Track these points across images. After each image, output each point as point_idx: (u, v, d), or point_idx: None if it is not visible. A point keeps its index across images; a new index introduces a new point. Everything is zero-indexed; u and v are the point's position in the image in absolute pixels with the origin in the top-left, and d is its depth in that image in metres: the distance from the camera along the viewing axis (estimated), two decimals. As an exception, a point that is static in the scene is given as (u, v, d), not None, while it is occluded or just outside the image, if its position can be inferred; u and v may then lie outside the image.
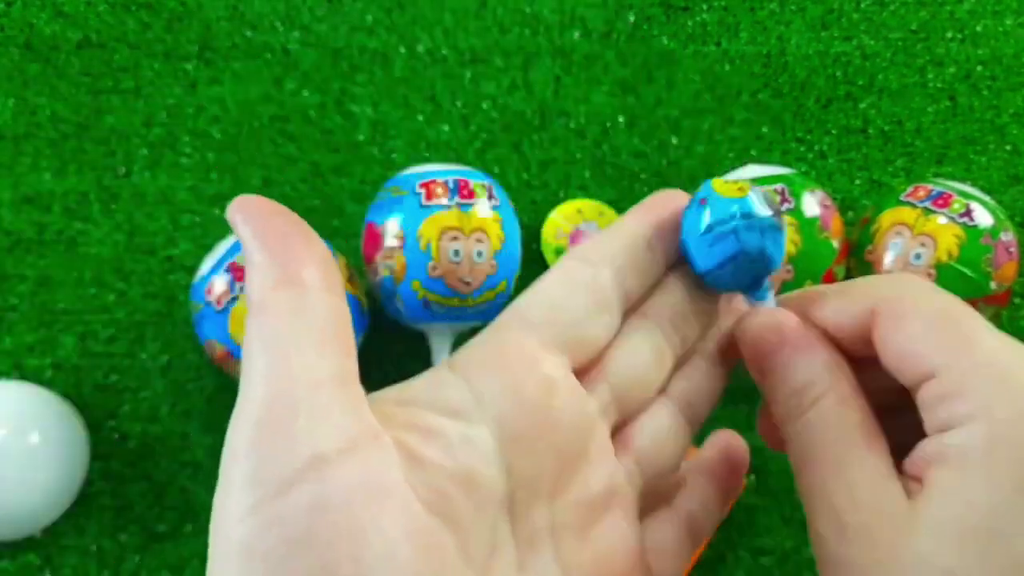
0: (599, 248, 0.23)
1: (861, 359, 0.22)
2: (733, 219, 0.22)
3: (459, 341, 0.49)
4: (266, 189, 0.57)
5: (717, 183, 0.23)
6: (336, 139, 0.58)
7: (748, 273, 0.22)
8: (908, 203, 0.49)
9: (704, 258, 0.22)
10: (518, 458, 0.20)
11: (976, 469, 0.18)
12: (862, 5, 0.62)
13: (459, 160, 0.58)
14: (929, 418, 0.19)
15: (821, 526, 0.20)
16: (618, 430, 0.24)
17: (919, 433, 0.21)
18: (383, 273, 0.47)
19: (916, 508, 0.18)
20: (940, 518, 0.18)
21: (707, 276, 0.23)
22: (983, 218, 0.47)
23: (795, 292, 0.24)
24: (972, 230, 0.47)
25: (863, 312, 0.21)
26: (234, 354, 0.46)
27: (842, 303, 0.22)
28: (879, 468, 0.20)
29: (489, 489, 0.20)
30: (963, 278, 0.47)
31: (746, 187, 0.23)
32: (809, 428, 0.20)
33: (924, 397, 0.19)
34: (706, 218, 0.22)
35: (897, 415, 0.21)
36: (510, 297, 0.49)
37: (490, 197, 0.49)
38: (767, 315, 0.23)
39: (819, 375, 0.21)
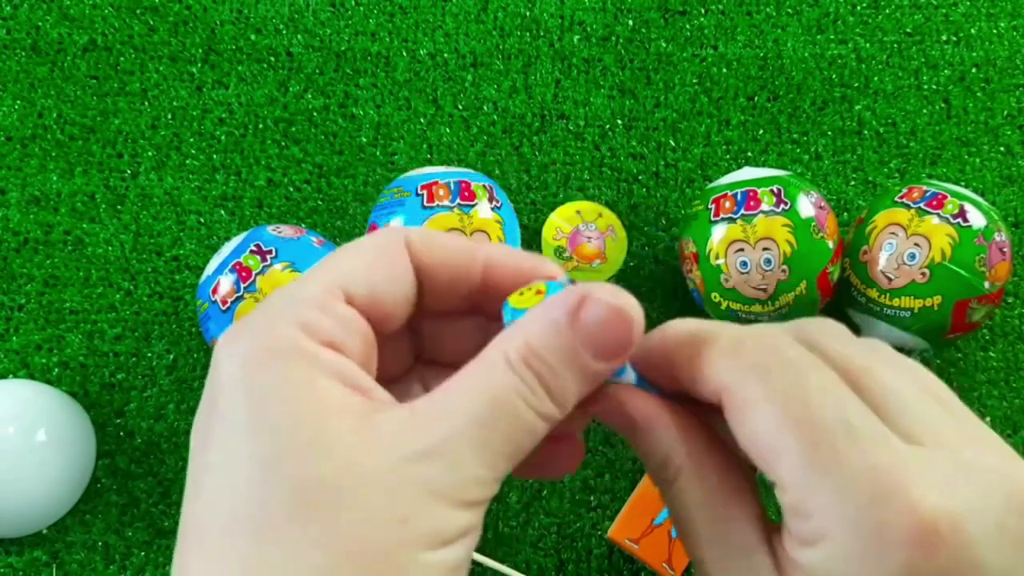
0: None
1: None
2: None
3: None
4: (271, 190, 0.58)
5: (513, 298, 0.21)
6: (340, 141, 0.59)
7: None
8: (902, 204, 0.50)
9: None
10: None
11: None
12: (857, 8, 0.63)
13: (460, 162, 0.59)
14: (787, 521, 0.19)
15: None
16: None
17: None
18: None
19: None
20: None
21: None
22: (977, 219, 0.48)
23: (655, 335, 0.22)
24: (966, 231, 0.47)
25: (715, 391, 0.20)
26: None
27: (699, 373, 0.20)
28: (746, 538, 0.20)
29: None
30: (957, 278, 0.47)
31: (543, 289, 0.20)
32: (677, 501, 0.21)
33: (780, 499, 0.19)
34: None
35: None
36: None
37: (491, 199, 0.50)
38: (611, 400, 0.22)
39: (673, 448, 0.21)
